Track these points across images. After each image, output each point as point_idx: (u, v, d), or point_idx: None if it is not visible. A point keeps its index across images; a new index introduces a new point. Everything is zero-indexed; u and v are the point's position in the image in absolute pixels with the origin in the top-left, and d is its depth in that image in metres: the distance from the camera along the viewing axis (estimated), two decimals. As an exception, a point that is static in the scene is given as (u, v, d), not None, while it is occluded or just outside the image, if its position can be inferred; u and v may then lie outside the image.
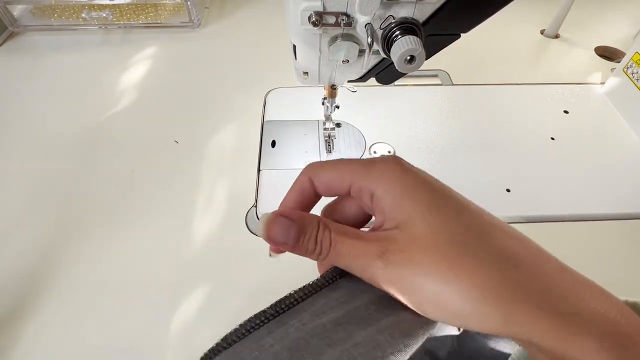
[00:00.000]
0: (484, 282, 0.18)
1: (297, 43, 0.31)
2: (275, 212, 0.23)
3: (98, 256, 0.41)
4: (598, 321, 0.17)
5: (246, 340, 0.18)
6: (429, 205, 0.21)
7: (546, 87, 0.60)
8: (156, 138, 0.52)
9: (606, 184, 0.47)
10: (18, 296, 0.38)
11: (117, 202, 0.45)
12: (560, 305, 0.17)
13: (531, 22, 0.73)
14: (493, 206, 0.46)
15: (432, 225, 0.20)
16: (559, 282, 0.18)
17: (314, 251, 0.22)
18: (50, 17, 0.69)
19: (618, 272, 0.40)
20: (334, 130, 0.50)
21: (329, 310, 0.20)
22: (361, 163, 0.23)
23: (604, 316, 0.17)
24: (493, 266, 0.18)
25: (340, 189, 0.24)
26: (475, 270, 0.18)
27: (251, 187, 0.46)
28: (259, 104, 0.57)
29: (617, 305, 0.18)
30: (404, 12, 0.26)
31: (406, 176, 0.21)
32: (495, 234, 0.20)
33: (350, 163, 0.23)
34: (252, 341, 0.18)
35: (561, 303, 0.17)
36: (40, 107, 0.57)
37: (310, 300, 0.20)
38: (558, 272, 0.19)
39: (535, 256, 0.20)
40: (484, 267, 0.18)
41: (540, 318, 0.17)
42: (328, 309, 0.20)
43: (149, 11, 0.70)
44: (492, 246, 0.19)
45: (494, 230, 0.20)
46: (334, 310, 0.20)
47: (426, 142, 0.51)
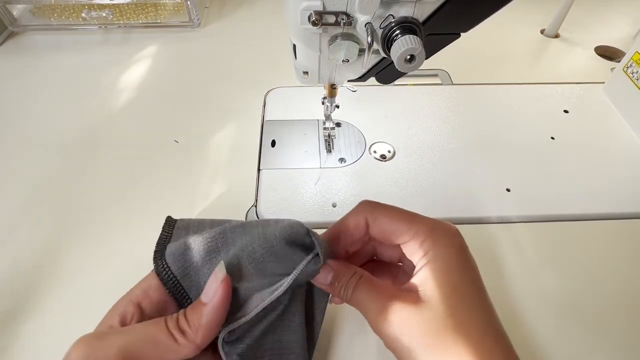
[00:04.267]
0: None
1: (297, 42, 0.31)
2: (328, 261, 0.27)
3: (98, 256, 0.41)
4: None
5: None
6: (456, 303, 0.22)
7: (546, 87, 0.60)
8: (156, 138, 0.52)
9: (606, 183, 0.47)
10: (18, 296, 0.38)
11: (117, 201, 0.45)
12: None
13: (531, 22, 0.73)
14: (493, 206, 0.47)
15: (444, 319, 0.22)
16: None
17: (341, 292, 0.26)
18: (50, 17, 0.69)
19: (618, 272, 0.40)
20: (334, 130, 0.50)
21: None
22: (430, 221, 0.25)
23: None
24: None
25: (395, 238, 0.25)
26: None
27: (251, 187, 0.46)
28: (259, 104, 0.57)
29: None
30: (404, 12, 0.26)
31: (464, 259, 0.24)
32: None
33: (417, 218, 0.25)
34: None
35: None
36: (40, 107, 0.57)
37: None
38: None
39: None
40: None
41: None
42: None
43: (149, 11, 0.70)
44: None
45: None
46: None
47: (426, 142, 0.51)
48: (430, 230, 0.24)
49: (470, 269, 0.24)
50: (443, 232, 0.24)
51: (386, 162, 0.49)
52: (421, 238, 0.24)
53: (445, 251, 0.23)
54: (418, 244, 0.24)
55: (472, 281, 0.23)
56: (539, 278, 0.39)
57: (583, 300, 0.38)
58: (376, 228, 0.26)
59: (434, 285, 0.23)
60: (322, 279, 0.26)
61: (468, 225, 0.43)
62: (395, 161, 0.49)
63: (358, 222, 0.26)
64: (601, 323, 0.36)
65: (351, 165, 0.48)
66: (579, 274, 0.40)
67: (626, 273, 0.40)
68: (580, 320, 0.37)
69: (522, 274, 0.40)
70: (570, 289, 0.39)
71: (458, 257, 0.24)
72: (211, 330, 0.23)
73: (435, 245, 0.24)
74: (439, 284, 0.23)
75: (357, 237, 0.27)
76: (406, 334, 0.22)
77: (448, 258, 0.23)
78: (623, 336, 0.36)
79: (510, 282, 0.39)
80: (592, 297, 0.38)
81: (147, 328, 0.22)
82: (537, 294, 0.38)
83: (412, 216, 0.25)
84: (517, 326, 0.36)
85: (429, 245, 0.24)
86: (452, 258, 0.23)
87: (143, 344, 0.21)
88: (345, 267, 0.26)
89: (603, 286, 0.39)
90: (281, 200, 0.45)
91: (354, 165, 0.48)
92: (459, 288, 0.22)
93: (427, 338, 0.21)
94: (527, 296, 0.38)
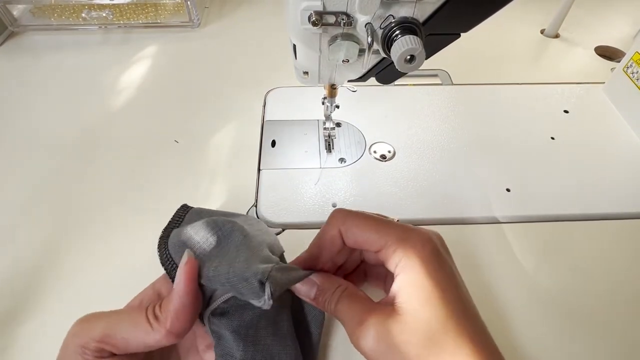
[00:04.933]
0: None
1: (297, 43, 0.31)
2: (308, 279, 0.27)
3: (98, 255, 0.41)
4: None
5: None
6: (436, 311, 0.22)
7: (546, 87, 0.60)
8: (156, 138, 0.52)
9: (606, 183, 0.47)
10: (18, 296, 0.38)
11: (117, 201, 0.45)
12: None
13: (531, 22, 0.73)
14: (493, 206, 0.47)
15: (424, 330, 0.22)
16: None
17: (325, 306, 0.26)
18: (50, 17, 0.69)
19: (618, 272, 0.40)
20: (334, 130, 0.50)
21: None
22: (400, 229, 0.25)
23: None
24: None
25: (369, 247, 0.25)
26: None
27: (251, 187, 0.46)
28: (259, 104, 0.57)
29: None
30: (404, 12, 0.26)
31: (436, 266, 0.23)
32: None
33: (387, 226, 0.25)
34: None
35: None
36: (40, 107, 0.57)
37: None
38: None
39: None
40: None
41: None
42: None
43: (149, 11, 0.70)
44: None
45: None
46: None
47: (426, 142, 0.51)
48: (399, 240, 0.24)
49: (444, 275, 0.23)
50: (413, 240, 0.24)
51: (386, 162, 0.49)
52: (392, 248, 0.24)
53: (415, 261, 0.23)
54: (390, 253, 0.24)
55: (446, 287, 0.23)
56: (539, 278, 0.39)
57: (583, 300, 0.38)
58: (349, 238, 0.26)
59: (407, 298, 0.22)
60: (305, 292, 0.26)
61: (468, 225, 0.43)
62: (395, 161, 0.49)
63: (333, 235, 0.26)
64: (601, 323, 0.36)
65: (351, 165, 0.48)
66: (579, 274, 0.40)
67: (626, 273, 0.40)
68: (580, 320, 0.37)
69: (522, 273, 0.40)
70: (570, 289, 0.39)
71: (430, 265, 0.23)
72: (180, 316, 0.23)
73: (405, 255, 0.23)
74: (412, 295, 0.22)
75: (336, 249, 0.27)
76: (381, 349, 0.22)
77: (419, 267, 0.23)
78: (623, 336, 0.36)
79: (510, 281, 0.39)
80: (592, 297, 0.38)
81: (130, 312, 0.25)
82: (537, 294, 0.38)
83: (381, 225, 0.25)
84: (516, 326, 0.36)
85: (400, 255, 0.24)
86: (423, 266, 0.23)
87: (123, 326, 0.24)
88: (329, 281, 0.26)
89: (603, 286, 0.39)
90: (281, 200, 0.45)
91: (354, 165, 0.48)
92: (432, 297, 0.22)
93: (401, 352, 0.21)
94: (527, 296, 0.38)
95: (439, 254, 0.24)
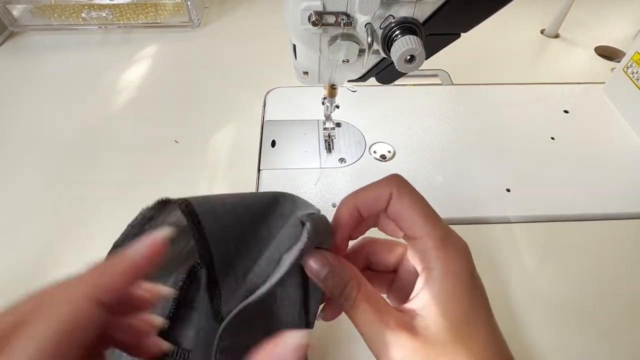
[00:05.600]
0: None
1: (297, 43, 0.31)
2: (318, 250, 0.24)
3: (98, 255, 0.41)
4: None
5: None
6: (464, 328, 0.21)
7: (546, 87, 0.60)
8: (156, 138, 0.52)
9: (606, 183, 0.47)
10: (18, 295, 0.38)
11: (117, 202, 0.45)
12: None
13: (531, 22, 0.73)
14: (493, 206, 0.47)
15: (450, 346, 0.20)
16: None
17: (339, 298, 0.24)
18: (50, 17, 0.69)
19: (618, 272, 0.40)
20: (334, 130, 0.50)
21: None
22: (444, 228, 0.23)
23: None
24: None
25: (405, 227, 0.24)
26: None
27: (251, 187, 0.46)
28: (259, 104, 0.57)
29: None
30: (404, 12, 0.26)
31: (470, 284, 0.22)
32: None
33: (435, 219, 0.23)
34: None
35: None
36: (40, 107, 0.57)
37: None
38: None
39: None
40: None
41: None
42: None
43: (149, 11, 0.70)
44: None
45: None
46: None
47: (426, 142, 0.51)
48: (441, 240, 0.22)
49: (478, 292, 0.22)
50: (454, 246, 0.22)
51: (386, 162, 0.49)
52: (429, 243, 0.22)
53: (453, 273, 0.21)
54: (425, 248, 0.22)
55: (480, 305, 0.21)
56: (539, 278, 0.39)
57: (582, 300, 0.38)
58: (395, 207, 0.24)
59: (440, 313, 0.21)
60: (316, 268, 0.24)
61: (468, 225, 0.43)
62: (395, 161, 0.49)
63: (382, 194, 0.24)
64: (601, 323, 0.36)
65: (351, 165, 0.48)
66: (579, 274, 0.40)
67: (626, 273, 0.40)
68: (580, 320, 0.37)
69: (522, 273, 0.40)
70: (570, 289, 0.39)
71: (466, 278, 0.22)
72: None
73: (444, 261, 0.22)
74: (446, 312, 0.21)
75: (375, 211, 0.25)
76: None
77: (455, 281, 0.21)
78: (623, 336, 0.36)
79: (510, 282, 0.39)
80: (592, 297, 0.38)
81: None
82: (537, 293, 0.38)
83: (432, 214, 0.23)
84: (516, 326, 0.36)
85: (436, 257, 0.22)
86: (460, 280, 0.21)
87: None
88: (342, 267, 0.24)
89: (603, 286, 0.39)
90: (281, 200, 0.45)
91: (354, 165, 0.48)
92: (467, 316, 0.21)
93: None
94: (526, 296, 0.38)
95: (474, 272, 0.22)
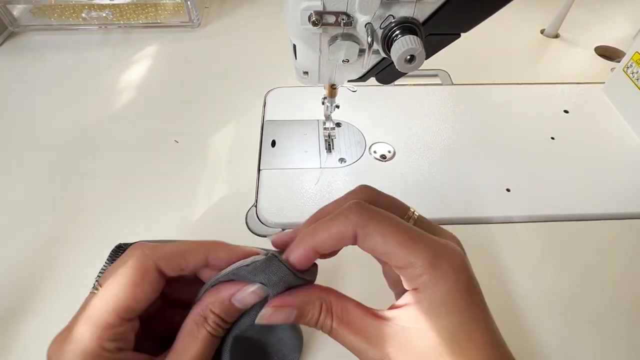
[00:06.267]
0: None
1: (297, 43, 0.31)
2: (274, 306, 0.23)
3: (98, 256, 0.41)
4: None
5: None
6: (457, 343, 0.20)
7: (546, 87, 0.60)
8: (156, 138, 0.52)
9: (606, 183, 0.47)
10: (18, 295, 0.38)
11: (117, 202, 0.45)
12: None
13: (531, 22, 0.73)
14: (493, 206, 0.47)
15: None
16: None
17: (315, 327, 0.23)
18: (50, 17, 0.69)
19: (618, 272, 0.40)
20: (334, 130, 0.50)
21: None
22: (432, 250, 0.21)
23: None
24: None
25: (389, 262, 0.21)
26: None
27: (251, 187, 0.46)
28: (259, 104, 0.57)
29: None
30: (404, 12, 0.26)
31: (466, 301, 0.20)
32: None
33: (417, 243, 0.20)
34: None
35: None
36: (40, 107, 0.57)
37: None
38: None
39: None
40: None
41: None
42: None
43: (149, 11, 0.70)
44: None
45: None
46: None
47: (426, 142, 0.51)
48: (430, 264, 0.20)
49: (475, 308, 0.21)
50: (445, 268, 0.20)
51: (386, 162, 0.49)
52: (417, 271, 0.20)
53: (446, 295, 0.20)
54: (414, 277, 0.21)
55: (476, 320, 0.20)
56: (539, 278, 0.39)
57: (582, 300, 0.38)
58: (365, 246, 0.21)
59: (423, 330, 0.20)
60: (283, 318, 0.22)
61: (468, 225, 0.43)
62: (395, 161, 0.49)
63: (344, 234, 0.21)
64: (601, 323, 0.36)
65: (351, 165, 0.48)
66: (579, 274, 0.40)
67: (626, 273, 0.40)
68: (579, 320, 0.37)
69: (522, 273, 0.40)
70: (570, 289, 0.39)
71: (461, 297, 0.20)
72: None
73: (434, 287, 0.20)
74: (430, 329, 0.20)
75: (337, 249, 0.23)
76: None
77: (446, 302, 0.20)
78: (623, 335, 0.36)
79: (510, 282, 0.39)
80: (592, 297, 0.38)
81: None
82: (536, 293, 0.38)
83: (411, 239, 0.21)
84: (515, 326, 0.36)
85: (426, 281, 0.20)
86: (452, 302, 0.20)
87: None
88: (307, 301, 0.22)
89: (603, 286, 0.39)
90: (281, 200, 0.45)
91: (354, 165, 0.48)
92: (458, 332, 0.20)
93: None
94: (526, 296, 0.38)
95: (472, 286, 0.21)
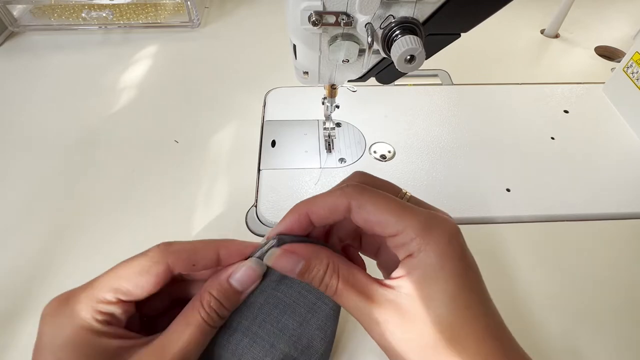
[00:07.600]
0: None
1: (297, 43, 0.31)
2: (283, 249, 0.24)
3: (98, 256, 0.41)
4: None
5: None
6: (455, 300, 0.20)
7: (546, 87, 0.60)
8: (156, 138, 0.52)
9: (606, 183, 0.47)
10: (18, 295, 0.38)
11: (117, 202, 0.45)
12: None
13: (531, 22, 0.73)
14: (493, 206, 0.47)
15: (444, 318, 0.20)
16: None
17: (319, 287, 0.23)
18: (50, 17, 0.69)
19: (618, 272, 0.40)
20: (334, 130, 0.50)
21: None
22: (423, 216, 0.21)
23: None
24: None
25: (381, 231, 0.22)
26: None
27: (251, 187, 0.46)
28: (259, 104, 0.57)
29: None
30: (404, 12, 0.26)
31: (461, 271, 0.21)
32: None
33: (409, 211, 0.21)
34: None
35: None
36: (40, 107, 0.57)
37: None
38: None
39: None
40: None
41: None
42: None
43: (149, 11, 0.70)
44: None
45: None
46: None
47: (426, 142, 0.51)
48: (422, 230, 0.21)
49: (470, 274, 0.21)
50: (438, 233, 0.21)
51: (386, 162, 0.49)
52: (410, 236, 0.21)
53: (440, 259, 0.20)
54: (406, 241, 0.21)
55: (472, 288, 0.21)
56: (539, 278, 0.39)
57: (582, 300, 0.38)
58: (359, 216, 0.22)
59: (423, 296, 0.20)
60: (289, 265, 0.23)
61: (468, 225, 0.43)
62: (395, 161, 0.49)
63: (338, 205, 0.22)
64: (601, 322, 0.36)
65: (351, 165, 0.48)
66: (579, 274, 0.40)
67: (626, 273, 0.40)
68: (579, 320, 0.37)
69: (522, 273, 0.40)
70: (570, 289, 0.39)
71: (455, 262, 0.20)
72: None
73: (427, 250, 0.20)
74: (429, 294, 0.20)
75: (331, 221, 0.23)
76: (399, 352, 0.21)
77: (442, 266, 0.20)
78: (623, 335, 0.36)
79: (510, 282, 0.39)
80: (591, 297, 0.38)
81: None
82: (536, 293, 0.38)
83: (403, 208, 0.21)
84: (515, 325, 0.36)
85: (419, 247, 0.20)
86: (447, 266, 0.20)
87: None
88: (316, 256, 0.23)
89: (602, 286, 0.39)
90: (281, 200, 0.45)
91: (354, 165, 0.48)
92: (457, 298, 0.20)
93: (421, 356, 0.20)
94: (526, 296, 0.38)
95: (465, 252, 0.21)
